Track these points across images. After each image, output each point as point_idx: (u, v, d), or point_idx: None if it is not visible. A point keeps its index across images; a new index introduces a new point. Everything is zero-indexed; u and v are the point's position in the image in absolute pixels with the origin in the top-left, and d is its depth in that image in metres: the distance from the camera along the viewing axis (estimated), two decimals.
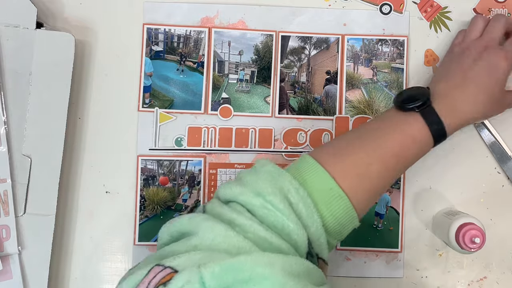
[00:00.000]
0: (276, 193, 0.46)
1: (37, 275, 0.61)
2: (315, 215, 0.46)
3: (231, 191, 0.47)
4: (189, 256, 0.41)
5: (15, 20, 0.61)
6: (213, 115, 0.68)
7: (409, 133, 0.53)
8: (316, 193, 0.48)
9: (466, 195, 0.68)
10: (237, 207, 0.46)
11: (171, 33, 0.68)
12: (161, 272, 0.40)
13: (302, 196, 0.46)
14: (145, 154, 0.67)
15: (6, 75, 0.61)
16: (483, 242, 0.57)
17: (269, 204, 0.45)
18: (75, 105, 0.67)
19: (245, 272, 0.39)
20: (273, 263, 0.40)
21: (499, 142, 0.67)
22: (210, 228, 0.43)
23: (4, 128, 0.61)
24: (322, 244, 0.47)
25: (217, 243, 0.43)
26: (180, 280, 0.39)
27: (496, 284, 0.67)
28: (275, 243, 0.44)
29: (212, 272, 0.38)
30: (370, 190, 0.51)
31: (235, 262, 0.39)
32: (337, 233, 0.50)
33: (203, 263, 0.39)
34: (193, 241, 0.43)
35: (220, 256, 0.41)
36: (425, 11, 0.69)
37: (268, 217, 0.45)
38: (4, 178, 0.60)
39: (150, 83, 0.68)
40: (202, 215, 0.46)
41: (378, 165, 0.51)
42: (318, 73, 0.69)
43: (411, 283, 0.67)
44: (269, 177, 0.47)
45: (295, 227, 0.45)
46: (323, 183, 0.48)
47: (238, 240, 0.43)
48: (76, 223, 0.67)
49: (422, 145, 0.54)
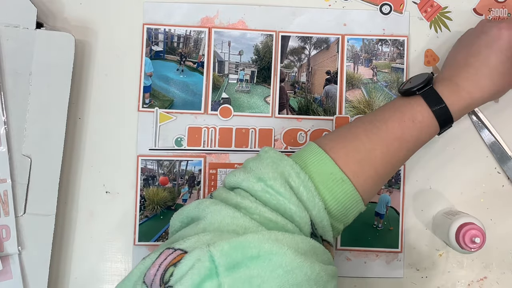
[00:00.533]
0: (277, 178, 0.47)
1: (37, 275, 0.61)
2: (316, 198, 0.47)
3: (235, 178, 0.48)
4: (198, 237, 0.42)
5: (15, 20, 0.61)
6: (213, 115, 0.68)
7: (409, 113, 0.53)
8: (317, 177, 0.48)
9: (466, 195, 0.68)
10: (241, 192, 0.48)
11: (171, 33, 0.68)
12: (171, 254, 0.41)
13: (303, 180, 0.47)
14: (145, 154, 0.67)
15: (6, 75, 0.61)
16: (483, 242, 0.57)
17: (270, 189, 0.46)
18: (75, 105, 0.67)
19: (253, 249, 0.40)
20: (281, 240, 0.42)
21: (499, 142, 0.67)
22: (217, 211, 0.45)
23: (4, 128, 0.61)
24: (326, 226, 0.48)
25: (225, 224, 0.44)
26: (190, 259, 0.40)
27: (496, 284, 0.67)
28: (280, 222, 0.45)
29: (221, 250, 0.40)
30: (374, 174, 0.51)
31: (244, 240, 0.41)
32: (341, 216, 0.50)
33: (212, 242, 0.40)
34: (201, 225, 0.45)
35: (229, 235, 0.42)
36: (425, 11, 0.69)
37: (271, 201, 0.46)
38: (4, 178, 0.60)
39: (150, 83, 0.68)
40: (209, 200, 0.47)
41: (381, 148, 0.52)
42: (318, 73, 0.69)
43: (411, 283, 0.67)
44: (271, 162, 0.49)
45: (297, 209, 0.46)
46: (324, 167, 0.49)
47: (245, 220, 0.44)
48: (76, 223, 0.67)
49: (424, 127, 0.53)
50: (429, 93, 0.54)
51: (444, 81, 0.56)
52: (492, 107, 0.68)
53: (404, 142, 0.53)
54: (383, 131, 0.52)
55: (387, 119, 0.53)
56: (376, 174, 0.52)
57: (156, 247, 0.66)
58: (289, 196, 0.46)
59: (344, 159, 0.50)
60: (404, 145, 0.53)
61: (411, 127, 0.53)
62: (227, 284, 0.38)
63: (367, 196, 0.52)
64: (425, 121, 0.53)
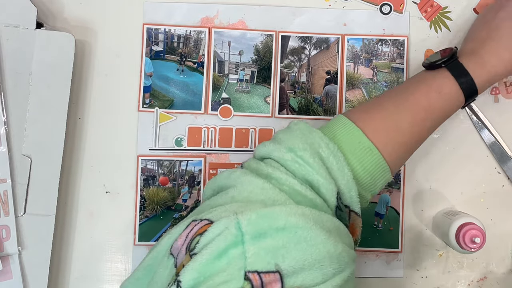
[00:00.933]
0: (307, 148, 0.48)
1: (37, 275, 0.61)
2: (346, 168, 0.48)
3: (266, 148, 0.49)
4: (225, 207, 0.43)
5: (15, 20, 0.61)
6: (213, 115, 0.68)
7: (435, 85, 0.54)
8: (346, 147, 0.49)
9: (466, 195, 0.68)
10: (272, 162, 0.48)
11: (171, 33, 0.68)
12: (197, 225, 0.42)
13: (332, 150, 0.48)
14: (145, 154, 0.67)
15: (6, 75, 0.61)
16: (483, 242, 0.57)
17: (299, 159, 0.47)
18: (75, 105, 0.67)
19: (280, 220, 0.41)
20: (307, 215, 0.42)
21: (499, 142, 0.67)
22: (248, 181, 0.46)
23: (4, 128, 0.61)
24: (353, 196, 0.49)
25: (254, 195, 0.45)
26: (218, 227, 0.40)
27: (496, 284, 0.67)
28: (309, 196, 0.45)
29: (248, 219, 0.41)
30: (401, 144, 0.52)
31: (271, 211, 0.41)
32: (369, 185, 0.51)
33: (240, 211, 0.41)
34: (230, 193, 0.46)
35: (256, 205, 0.43)
36: (425, 11, 0.69)
37: (300, 171, 0.47)
38: (4, 178, 0.60)
39: (150, 83, 0.68)
40: (240, 170, 0.48)
41: (407, 118, 0.52)
42: (318, 73, 0.69)
43: (411, 283, 0.67)
44: (300, 134, 0.49)
45: (324, 181, 0.46)
46: (353, 136, 0.50)
47: (274, 192, 0.45)
48: (76, 223, 0.67)
49: (450, 99, 0.54)
50: (455, 65, 0.55)
51: (468, 54, 0.56)
52: (492, 107, 0.68)
53: (430, 113, 0.54)
54: (410, 102, 0.53)
55: (414, 91, 0.54)
56: (403, 144, 0.53)
57: None
58: (318, 168, 0.47)
59: (371, 128, 0.51)
60: (430, 115, 0.54)
61: (438, 98, 0.53)
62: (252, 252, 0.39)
63: (395, 166, 0.53)
64: (451, 92, 0.54)
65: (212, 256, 0.39)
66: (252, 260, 0.39)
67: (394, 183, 0.68)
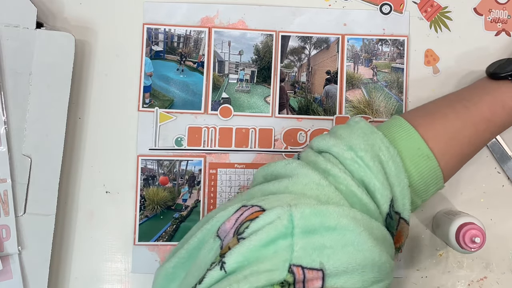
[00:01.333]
0: (368, 150, 0.47)
1: (37, 275, 0.61)
2: (403, 174, 0.47)
3: (325, 142, 0.48)
4: (278, 197, 0.43)
5: (15, 20, 0.61)
6: (213, 115, 0.68)
7: (500, 98, 0.53)
8: (405, 152, 0.49)
9: (466, 195, 0.68)
10: (331, 158, 0.47)
11: (171, 33, 0.68)
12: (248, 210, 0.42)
13: (392, 155, 0.47)
14: (145, 154, 0.67)
15: (6, 75, 0.61)
16: (483, 242, 0.57)
17: (360, 160, 0.46)
18: (75, 105, 0.67)
19: (332, 220, 0.41)
20: (359, 219, 0.42)
21: (499, 142, 0.67)
22: (304, 174, 0.45)
23: (4, 128, 0.61)
24: (406, 204, 0.48)
25: (309, 188, 0.44)
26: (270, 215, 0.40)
27: (496, 284, 0.67)
28: (364, 200, 0.45)
29: (302, 212, 0.40)
30: (458, 153, 0.52)
31: (325, 209, 0.41)
32: (422, 192, 0.50)
33: (294, 204, 0.41)
34: (285, 183, 0.45)
35: (310, 200, 0.43)
36: (425, 11, 0.69)
37: (358, 172, 0.46)
38: (4, 178, 0.60)
39: (150, 83, 0.68)
40: (298, 161, 0.47)
41: (469, 129, 0.52)
42: (318, 73, 0.69)
43: (411, 283, 0.67)
44: (362, 133, 0.49)
45: (381, 186, 0.46)
46: (412, 142, 0.49)
47: (330, 190, 0.44)
48: (76, 223, 0.67)
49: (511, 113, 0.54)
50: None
51: None
52: None
53: (491, 125, 0.53)
54: (472, 112, 0.52)
55: (477, 101, 0.53)
56: (460, 154, 0.52)
57: (156, 247, 0.66)
58: (377, 172, 0.46)
59: (431, 136, 0.50)
60: (491, 128, 0.53)
61: (501, 111, 0.53)
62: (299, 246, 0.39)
63: (448, 174, 0.52)
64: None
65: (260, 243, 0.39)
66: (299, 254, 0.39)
67: None
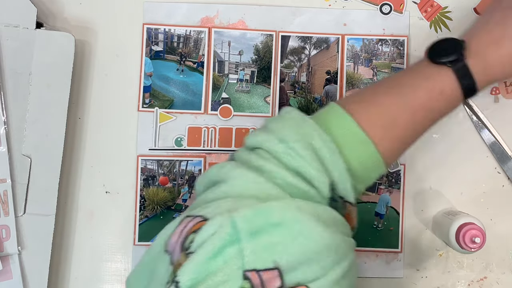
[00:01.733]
0: (300, 140, 0.46)
1: (37, 275, 0.61)
2: (339, 160, 0.47)
3: (257, 138, 0.48)
4: (219, 203, 0.42)
5: (15, 20, 0.61)
6: (213, 115, 0.68)
7: (438, 85, 0.52)
8: (340, 139, 0.48)
9: (466, 195, 0.68)
10: (263, 153, 0.47)
11: (171, 33, 0.68)
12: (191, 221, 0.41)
13: (325, 141, 0.47)
14: (145, 154, 0.67)
15: (6, 75, 0.61)
16: (483, 242, 0.57)
17: (292, 151, 0.46)
18: (75, 105, 0.67)
19: (276, 216, 0.40)
20: (303, 208, 0.42)
21: (499, 142, 0.67)
22: (239, 175, 0.45)
23: (4, 128, 0.61)
24: (348, 188, 0.48)
25: (247, 189, 0.44)
26: (212, 225, 0.40)
27: (496, 284, 0.67)
28: (303, 188, 0.44)
29: (243, 216, 0.40)
30: (397, 138, 0.51)
31: (267, 207, 0.41)
32: (363, 178, 0.50)
33: (234, 208, 0.41)
34: (223, 188, 0.44)
35: (250, 201, 0.42)
36: (425, 11, 0.69)
37: (292, 163, 0.46)
38: (4, 178, 0.60)
39: (150, 83, 0.68)
40: (231, 163, 0.47)
41: (406, 115, 0.51)
42: (318, 73, 0.69)
43: (411, 283, 0.67)
44: (293, 124, 0.48)
45: (317, 173, 0.45)
46: (348, 129, 0.49)
47: (268, 186, 0.44)
48: (76, 223, 0.67)
49: (450, 99, 0.53)
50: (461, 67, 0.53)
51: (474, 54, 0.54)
52: (492, 107, 0.68)
53: (429, 112, 0.52)
54: (410, 98, 0.52)
55: (416, 87, 0.52)
56: (399, 139, 0.52)
57: None
58: (310, 160, 0.45)
59: (368, 122, 0.49)
60: (429, 114, 0.53)
61: (439, 99, 0.52)
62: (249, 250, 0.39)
63: (390, 159, 0.52)
64: (452, 94, 0.53)
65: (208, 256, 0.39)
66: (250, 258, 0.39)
67: (394, 183, 0.68)
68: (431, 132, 0.68)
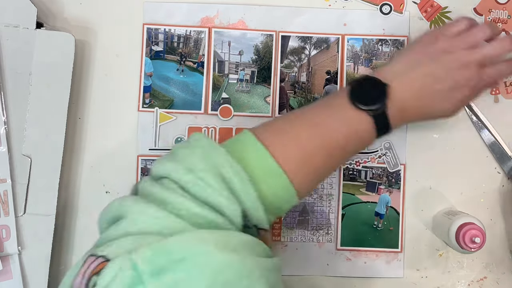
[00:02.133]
0: (208, 169, 0.45)
1: (37, 275, 0.61)
2: (251, 188, 0.45)
3: (164, 167, 0.46)
4: (119, 243, 0.41)
5: (15, 20, 0.61)
6: (213, 115, 0.68)
7: (356, 129, 0.53)
8: (254, 170, 0.47)
9: (466, 195, 0.68)
10: (170, 184, 0.45)
11: (171, 33, 0.68)
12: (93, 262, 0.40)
13: (236, 171, 0.45)
14: (145, 154, 0.67)
15: (6, 75, 0.61)
16: (483, 242, 0.57)
17: (200, 181, 0.44)
18: (75, 105, 0.67)
19: (177, 252, 0.39)
20: (206, 239, 0.40)
21: (499, 142, 0.67)
22: (139, 212, 0.43)
23: (4, 128, 0.61)
24: (261, 216, 0.46)
25: (148, 225, 0.42)
26: (113, 268, 0.38)
27: (496, 284, 0.67)
28: (209, 217, 0.43)
29: (143, 257, 0.38)
30: (312, 173, 0.51)
31: (166, 244, 0.39)
32: (275, 209, 0.49)
33: (134, 249, 0.39)
34: (123, 225, 0.43)
35: (152, 238, 0.41)
36: (425, 11, 0.69)
37: (200, 193, 0.44)
38: (4, 178, 0.60)
39: (150, 83, 0.68)
40: (132, 198, 0.45)
41: (322, 152, 0.51)
42: (318, 73, 0.69)
43: (411, 283, 0.67)
44: (202, 152, 0.46)
45: (227, 202, 0.44)
46: (262, 161, 0.48)
47: (170, 220, 0.42)
48: (76, 223, 0.67)
49: (364, 139, 0.54)
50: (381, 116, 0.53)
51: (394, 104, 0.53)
52: (492, 107, 0.68)
53: (345, 152, 0.53)
54: (326, 138, 0.52)
55: (334, 130, 0.52)
56: (314, 173, 0.52)
57: None
58: (220, 189, 0.44)
59: (283, 156, 0.48)
60: (346, 154, 0.54)
61: (355, 140, 0.53)
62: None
63: (303, 192, 0.51)
64: (368, 136, 0.54)
65: None
66: None
67: (394, 183, 0.68)
68: (431, 132, 0.68)
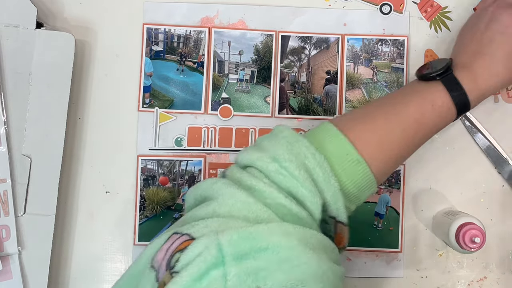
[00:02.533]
0: (292, 159, 0.46)
1: (37, 275, 0.61)
2: (332, 179, 0.47)
3: (249, 156, 0.47)
4: (206, 223, 0.42)
5: (15, 20, 0.61)
6: (213, 115, 0.68)
7: (429, 99, 0.53)
8: (333, 158, 0.48)
9: (466, 195, 0.68)
10: (255, 172, 0.47)
11: (171, 33, 0.68)
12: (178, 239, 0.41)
13: (319, 161, 0.46)
14: (145, 154, 0.67)
15: (6, 75, 0.61)
16: (483, 242, 0.57)
17: (284, 170, 0.45)
18: (75, 105, 0.67)
19: (262, 241, 0.40)
20: (290, 233, 0.41)
21: (493, 145, 0.67)
22: (230, 194, 0.44)
23: (4, 128, 0.61)
24: (340, 208, 0.47)
25: (236, 209, 0.43)
26: (198, 246, 0.39)
27: (496, 284, 0.67)
28: (294, 210, 0.44)
29: (229, 239, 0.39)
30: (390, 157, 0.51)
31: (253, 231, 0.40)
32: (355, 198, 0.50)
33: (221, 230, 0.40)
34: (212, 206, 0.44)
35: (238, 223, 0.42)
36: (425, 11, 0.69)
37: (284, 183, 0.45)
38: (4, 178, 0.60)
39: (150, 83, 0.68)
40: (223, 180, 0.46)
41: (399, 131, 0.51)
42: (318, 73, 0.69)
43: (411, 283, 0.67)
44: (286, 143, 0.48)
45: (309, 194, 0.45)
46: (341, 148, 0.49)
47: (257, 207, 0.43)
48: (76, 223, 0.67)
49: (442, 112, 0.53)
50: (449, 79, 0.54)
51: (461, 68, 0.55)
52: (484, 111, 0.68)
53: (422, 126, 0.53)
54: (402, 115, 0.52)
55: (407, 102, 0.53)
56: (392, 157, 0.52)
57: None
58: (303, 180, 0.45)
59: (360, 140, 0.49)
60: (422, 129, 0.53)
61: (430, 111, 0.52)
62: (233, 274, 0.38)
63: (381, 178, 0.52)
64: (444, 106, 0.53)
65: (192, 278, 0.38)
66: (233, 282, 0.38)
67: (394, 183, 0.68)
68: None
